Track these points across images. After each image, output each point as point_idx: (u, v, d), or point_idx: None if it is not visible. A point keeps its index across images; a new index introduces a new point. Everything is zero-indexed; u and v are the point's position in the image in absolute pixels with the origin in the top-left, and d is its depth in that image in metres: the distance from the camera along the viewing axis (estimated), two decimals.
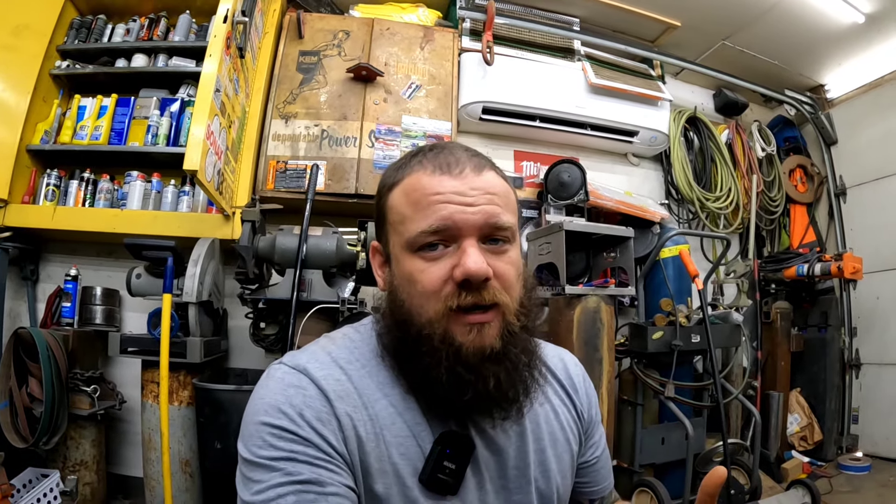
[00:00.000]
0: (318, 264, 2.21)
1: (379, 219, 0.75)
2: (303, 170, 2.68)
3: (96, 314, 2.56)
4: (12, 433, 2.06)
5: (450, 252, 0.66)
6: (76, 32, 2.82)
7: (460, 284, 0.65)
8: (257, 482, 0.60)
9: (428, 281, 0.66)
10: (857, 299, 3.63)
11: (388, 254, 0.73)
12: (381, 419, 0.67)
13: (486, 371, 0.65)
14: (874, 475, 3.09)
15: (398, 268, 0.70)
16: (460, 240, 0.66)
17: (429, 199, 0.66)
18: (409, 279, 0.67)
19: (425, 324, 0.66)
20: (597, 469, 0.89)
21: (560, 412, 0.82)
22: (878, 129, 3.58)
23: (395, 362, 0.71)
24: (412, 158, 0.73)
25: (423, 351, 0.65)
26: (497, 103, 3.07)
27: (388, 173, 0.75)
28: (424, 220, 0.66)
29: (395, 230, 0.70)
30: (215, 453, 2.08)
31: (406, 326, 0.67)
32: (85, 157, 2.71)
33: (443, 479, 0.66)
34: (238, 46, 2.34)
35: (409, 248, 0.67)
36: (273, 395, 0.64)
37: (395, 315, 0.70)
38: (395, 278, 0.70)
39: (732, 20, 3.37)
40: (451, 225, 0.65)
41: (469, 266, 0.64)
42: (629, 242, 2.63)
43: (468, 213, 0.66)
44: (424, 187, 0.67)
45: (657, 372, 2.67)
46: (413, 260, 0.67)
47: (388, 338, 0.71)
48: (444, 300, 0.65)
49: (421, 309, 0.66)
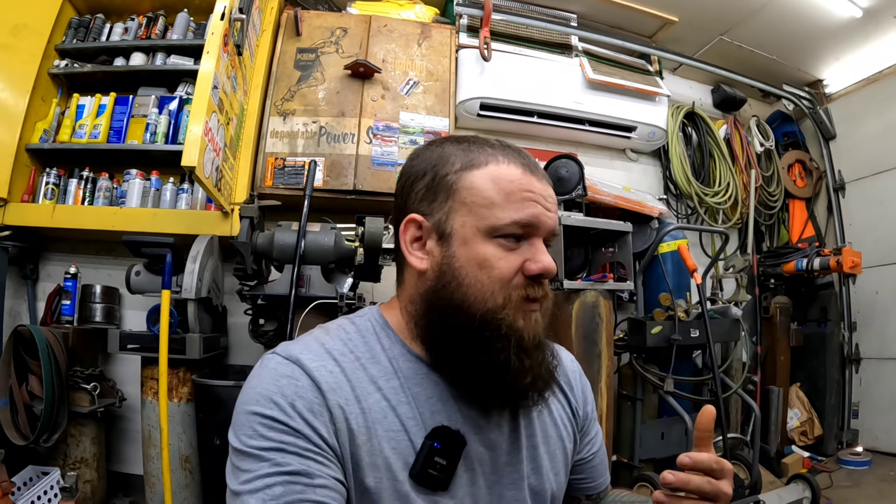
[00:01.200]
0: (316, 260, 2.21)
1: (436, 194, 0.72)
2: (301, 166, 2.68)
3: (96, 312, 2.56)
4: (12, 431, 2.06)
5: (522, 247, 0.70)
6: (74, 32, 2.82)
7: (531, 277, 0.69)
8: (246, 471, 0.60)
9: (506, 268, 0.68)
10: (856, 294, 3.63)
11: (444, 231, 0.71)
12: (373, 413, 0.66)
13: (537, 357, 0.70)
14: (874, 470, 3.09)
15: (466, 250, 0.69)
16: (533, 238, 0.70)
17: (523, 195, 0.69)
18: (482, 263, 0.68)
19: (492, 309, 0.67)
20: (593, 465, 0.90)
21: (554, 409, 0.83)
22: (877, 123, 3.58)
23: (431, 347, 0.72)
24: (489, 147, 0.73)
25: (486, 336, 0.67)
26: (495, 99, 3.07)
27: (452, 152, 0.73)
28: (517, 212, 0.68)
29: (471, 211, 0.69)
30: (215, 449, 2.09)
31: (463, 310, 0.68)
32: (84, 155, 2.71)
33: (433, 475, 0.66)
34: (236, 44, 2.34)
35: (489, 233, 0.68)
36: (265, 385, 0.64)
37: (448, 298, 0.69)
38: (457, 260, 0.69)
39: (730, 15, 3.37)
40: (536, 223, 0.70)
41: (547, 263, 0.69)
42: (627, 237, 2.64)
43: (548, 216, 0.71)
44: (520, 181, 0.70)
45: (656, 367, 2.68)
46: (489, 245, 0.68)
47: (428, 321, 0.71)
48: (516, 288, 0.69)
49: (489, 294, 0.67)
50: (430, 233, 0.72)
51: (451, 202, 0.71)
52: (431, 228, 0.72)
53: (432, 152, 0.75)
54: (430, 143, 0.78)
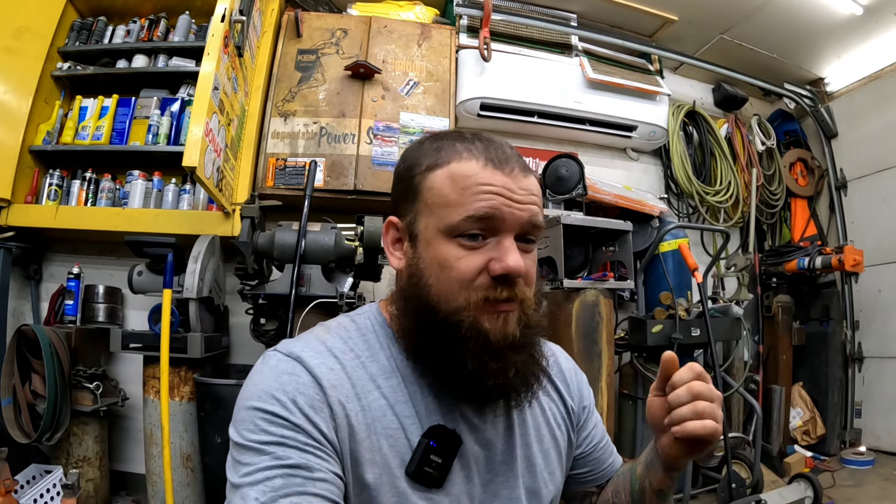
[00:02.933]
0: (316, 259, 2.22)
1: (406, 196, 0.73)
2: (302, 167, 2.69)
3: (99, 312, 2.58)
4: (16, 429, 2.08)
5: (488, 245, 0.67)
6: (77, 34, 2.85)
7: (496, 278, 0.66)
8: (246, 465, 0.61)
9: (465, 269, 0.66)
10: (858, 292, 3.62)
11: (413, 233, 0.71)
12: (372, 410, 0.67)
13: (509, 359, 0.67)
14: (877, 469, 3.08)
15: (428, 250, 0.69)
16: (500, 234, 0.67)
17: (479, 188, 0.66)
18: (442, 264, 0.67)
19: (454, 311, 0.66)
20: (595, 457, 0.89)
21: (547, 408, 0.83)
22: (879, 121, 3.57)
23: (409, 347, 0.71)
24: (457, 143, 0.71)
25: (449, 337, 0.66)
26: (495, 99, 3.07)
27: (426, 152, 0.72)
28: (471, 206, 0.66)
29: (432, 212, 0.69)
30: (216, 448, 2.10)
31: (429, 311, 0.67)
32: (87, 156, 2.73)
33: (429, 473, 0.67)
34: (236, 45, 2.36)
35: (448, 233, 0.67)
36: (267, 382, 0.65)
37: (416, 298, 0.69)
38: (422, 261, 0.69)
39: (730, 14, 3.37)
40: (497, 215, 0.66)
41: (510, 263, 0.65)
42: (628, 236, 2.63)
43: (515, 208, 0.67)
44: (476, 176, 0.67)
45: (657, 366, 2.65)
46: (449, 245, 0.67)
47: (405, 321, 0.71)
48: (477, 290, 0.66)
49: (451, 295, 0.66)
50: (405, 234, 0.73)
51: (417, 204, 0.71)
52: (405, 229, 0.73)
53: (412, 153, 0.75)
54: (419, 141, 0.77)
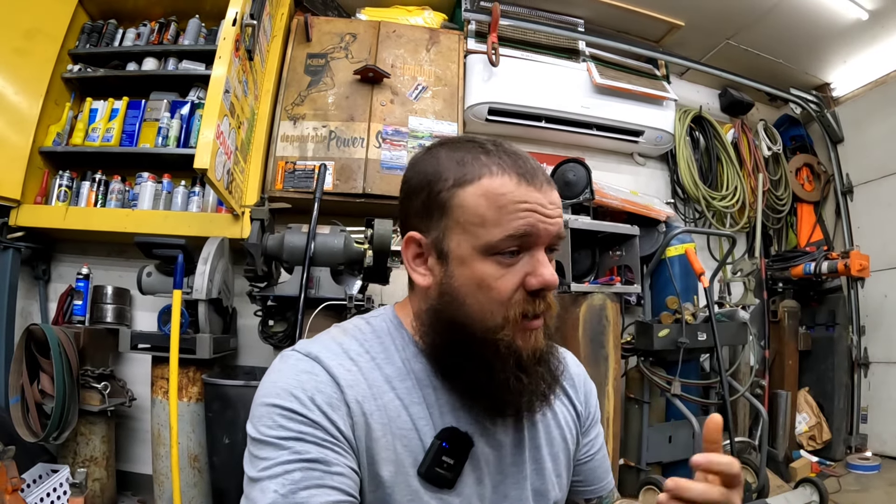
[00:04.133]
0: (325, 262, 2.23)
1: (429, 211, 0.71)
2: (311, 170, 2.70)
3: (107, 313, 2.59)
4: (23, 428, 2.08)
5: (522, 260, 0.68)
6: (87, 37, 2.87)
7: (532, 293, 0.67)
8: (265, 459, 0.62)
9: (504, 288, 0.67)
10: (865, 297, 3.61)
11: (442, 251, 0.70)
12: (388, 410, 0.68)
13: (537, 373, 0.69)
14: (883, 474, 3.07)
15: (462, 269, 0.68)
16: (533, 249, 0.68)
17: (517, 207, 0.66)
18: (480, 283, 0.67)
19: (492, 329, 0.67)
20: (591, 468, 0.89)
21: (558, 412, 0.83)
22: (885, 126, 3.57)
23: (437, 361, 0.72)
24: (482, 156, 0.69)
25: (484, 355, 0.67)
26: (503, 104, 3.09)
27: (447, 165, 0.71)
28: (510, 225, 0.66)
29: (465, 230, 0.68)
30: (223, 448, 2.10)
31: (466, 330, 0.68)
32: (97, 158, 2.75)
33: (441, 473, 0.68)
34: (247, 49, 2.37)
35: (486, 251, 0.67)
36: (286, 380, 0.66)
37: (450, 316, 0.69)
38: (455, 279, 0.69)
39: (736, 19, 3.37)
40: (533, 232, 0.67)
41: (547, 277, 0.67)
42: (634, 240, 2.64)
43: (548, 223, 0.68)
44: (512, 194, 0.67)
45: (664, 370, 2.68)
46: (486, 264, 0.67)
47: (434, 338, 0.72)
48: (515, 307, 0.67)
49: (489, 314, 0.67)
50: (430, 250, 0.72)
51: (445, 220, 0.69)
52: (430, 246, 0.72)
53: (427, 164, 0.73)
54: (428, 150, 0.76)
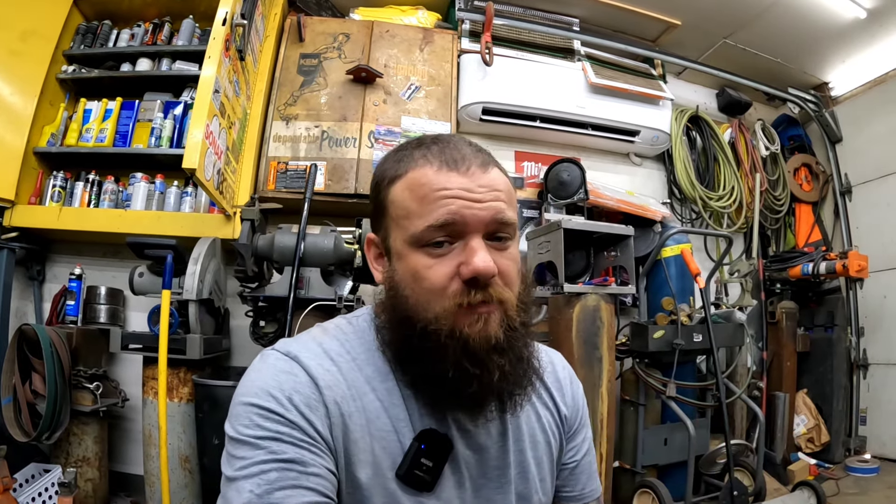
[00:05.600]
0: (315, 262, 2.23)
1: (377, 212, 0.74)
2: (303, 170, 2.70)
3: (100, 313, 2.59)
4: (15, 428, 2.08)
5: (455, 249, 0.66)
6: (82, 38, 2.88)
7: (467, 282, 0.65)
8: (241, 458, 0.61)
9: (435, 278, 0.65)
10: (863, 298, 3.59)
11: (387, 248, 0.72)
12: (367, 412, 0.67)
13: (492, 363, 0.65)
14: (882, 477, 3.04)
15: (401, 263, 0.69)
16: (466, 237, 0.66)
17: (436, 195, 0.65)
18: (414, 276, 0.67)
19: (431, 320, 0.65)
20: (575, 474, 0.87)
21: (542, 414, 0.82)
22: (883, 125, 3.54)
23: (395, 357, 0.71)
24: (415, 151, 0.71)
25: (429, 347, 0.65)
26: (497, 104, 3.07)
27: (388, 165, 0.73)
28: (431, 215, 0.65)
29: (397, 225, 0.69)
30: (214, 450, 2.10)
31: (409, 322, 0.67)
32: (90, 159, 2.76)
33: (419, 476, 0.67)
34: (238, 49, 2.37)
35: (414, 243, 0.67)
36: (264, 379, 0.65)
37: (397, 311, 0.69)
38: (397, 274, 0.69)
39: (733, 18, 3.35)
40: (458, 220, 0.65)
41: (478, 264, 0.64)
42: (629, 241, 2.62)
43: (476, 209, 0.66)
44: (431, 183, 0.66)
45: (659, 372, 2.65)
46: (418, 256, 0.67)
47: (388, 333, 0.71)
48: (451, 297, 0.65)
49: (427, 305, 0.66)
50: (381, 248, 0.75)
51: (385, 218, 0.72)
52: (380, 244, 0.75)
53: (380, 166, 0.76)
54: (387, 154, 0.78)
